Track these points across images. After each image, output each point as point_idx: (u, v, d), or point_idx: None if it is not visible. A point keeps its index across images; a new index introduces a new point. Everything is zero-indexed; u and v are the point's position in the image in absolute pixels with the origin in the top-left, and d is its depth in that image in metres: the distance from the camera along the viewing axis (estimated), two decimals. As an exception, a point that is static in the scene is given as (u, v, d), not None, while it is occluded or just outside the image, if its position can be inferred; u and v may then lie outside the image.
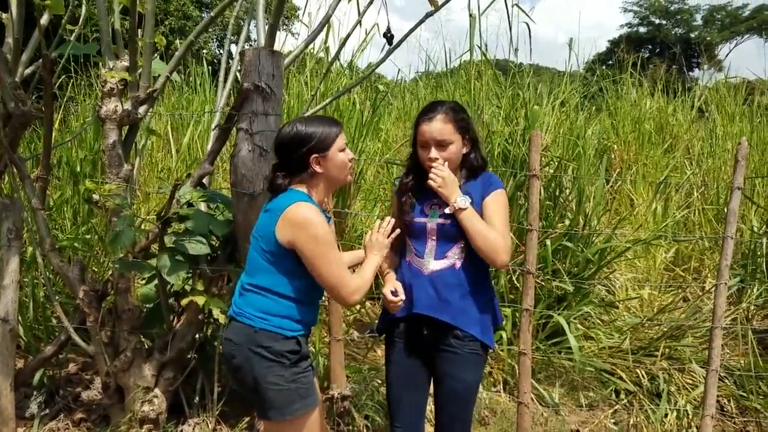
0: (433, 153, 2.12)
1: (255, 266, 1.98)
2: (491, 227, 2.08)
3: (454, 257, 2.14)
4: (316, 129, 1.96)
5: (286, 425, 1.94)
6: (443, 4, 3.07)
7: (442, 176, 2.09)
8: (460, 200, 2.08)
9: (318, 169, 1.97)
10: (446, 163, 2.12)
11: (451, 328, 2.12)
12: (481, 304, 2.16)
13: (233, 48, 4.69)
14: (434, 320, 2.12)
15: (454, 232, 2.13)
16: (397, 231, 2.13)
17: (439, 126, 2.11)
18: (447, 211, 2.12)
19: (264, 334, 1.91)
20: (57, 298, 3.05)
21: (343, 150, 2.00)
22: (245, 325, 1.94)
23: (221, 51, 17.94)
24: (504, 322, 3.83)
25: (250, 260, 2.01)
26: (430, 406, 2.44)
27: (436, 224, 2.14)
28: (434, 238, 2.15)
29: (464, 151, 2.18)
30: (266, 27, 2.77)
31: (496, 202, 2.15)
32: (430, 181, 2.10)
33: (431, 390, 2.28)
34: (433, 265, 2.14)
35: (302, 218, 1.87)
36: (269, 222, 1.93)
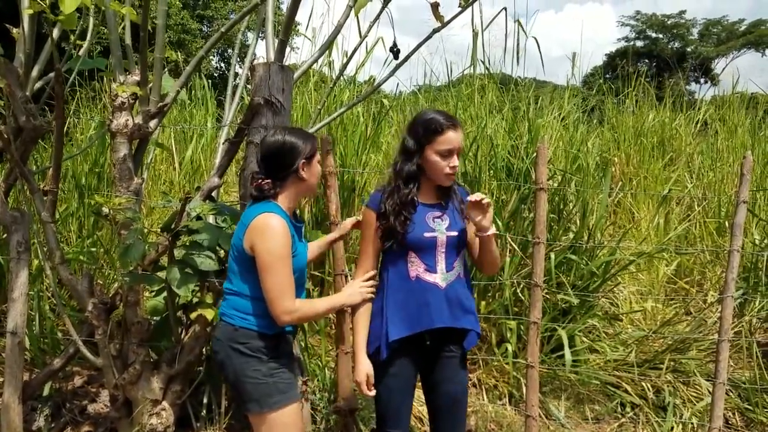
0: (456, 161, 2.13)
1: (232, 272, 2.13)
2: None
3: (459, 267, 2.20)
4: (300, 138, 2.11)
5: (265, 416, 2.05)
6: (449, 21, 3.10)
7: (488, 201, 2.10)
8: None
9: (304, 175, 2.10)
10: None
11: (458, 332, 2.17)
12: (474, 306, 2.27)
13: (239, 63, 4.74)
14: (444, 329, 2.13)
15: (459, 243, 2.19)
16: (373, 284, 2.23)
17: (461, 135, 2.14)
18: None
19: (243, 332, 2.06)
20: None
21: (319, 161, 2.18)
22: (227, 324, 2.10)
23: (222, 65, 18.03)
24: (509, 335, 3.84)
25: (229, 267, 2.16)
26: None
27: (446, 237, 2.16)
28: (443, 250, 2.16)
29: None
30: (275, 42, 2.80)
31: None
32: (484, 199, 2.07)
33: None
34: (447, 277, 2.15)
35: (264, 227, 2.00)
36: (239, 231, 2.08)
